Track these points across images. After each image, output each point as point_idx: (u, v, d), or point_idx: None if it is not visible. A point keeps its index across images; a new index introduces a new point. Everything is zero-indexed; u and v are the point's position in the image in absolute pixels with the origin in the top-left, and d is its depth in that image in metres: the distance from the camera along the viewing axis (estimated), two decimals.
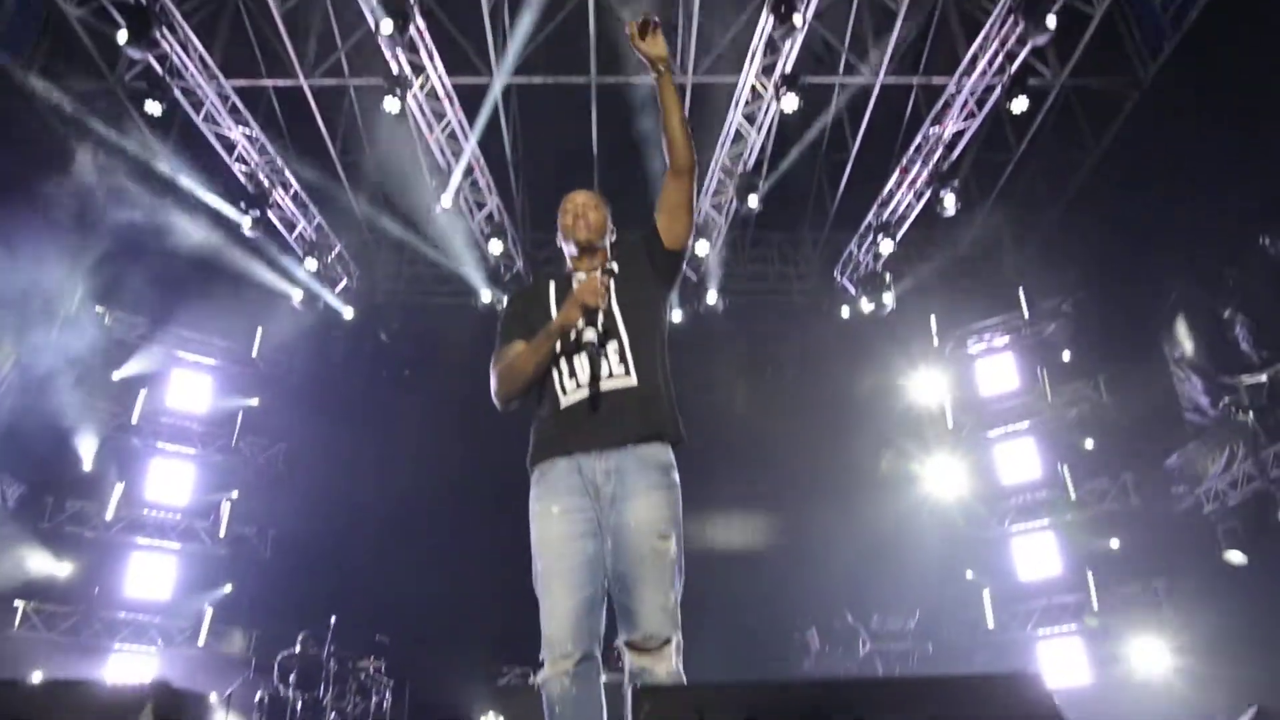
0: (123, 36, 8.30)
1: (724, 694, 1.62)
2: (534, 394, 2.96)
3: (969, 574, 11.97)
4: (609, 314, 2.82)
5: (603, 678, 2.72)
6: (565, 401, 2.84)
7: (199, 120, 9.79)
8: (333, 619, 9.28)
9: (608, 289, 2.83)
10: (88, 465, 10.98)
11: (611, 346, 2.81)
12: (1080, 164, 11.52)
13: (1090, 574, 11.13)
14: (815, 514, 11.58)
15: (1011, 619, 11.68)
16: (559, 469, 2.80)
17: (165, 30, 8.71)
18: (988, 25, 9.21)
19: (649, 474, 2.73)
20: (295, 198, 11.09)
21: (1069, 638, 11.26)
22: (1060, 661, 11.18)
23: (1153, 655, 10.07)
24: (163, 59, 9.00)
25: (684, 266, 3.17)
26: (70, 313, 10.40)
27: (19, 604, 10.26)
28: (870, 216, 11.55)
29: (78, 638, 10.54)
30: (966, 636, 11.73)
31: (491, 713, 7.27)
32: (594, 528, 2.72)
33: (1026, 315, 12.56)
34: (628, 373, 2.80)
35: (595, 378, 2.80)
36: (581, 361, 2.83)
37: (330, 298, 12.03)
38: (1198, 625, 9.60)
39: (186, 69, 9.21)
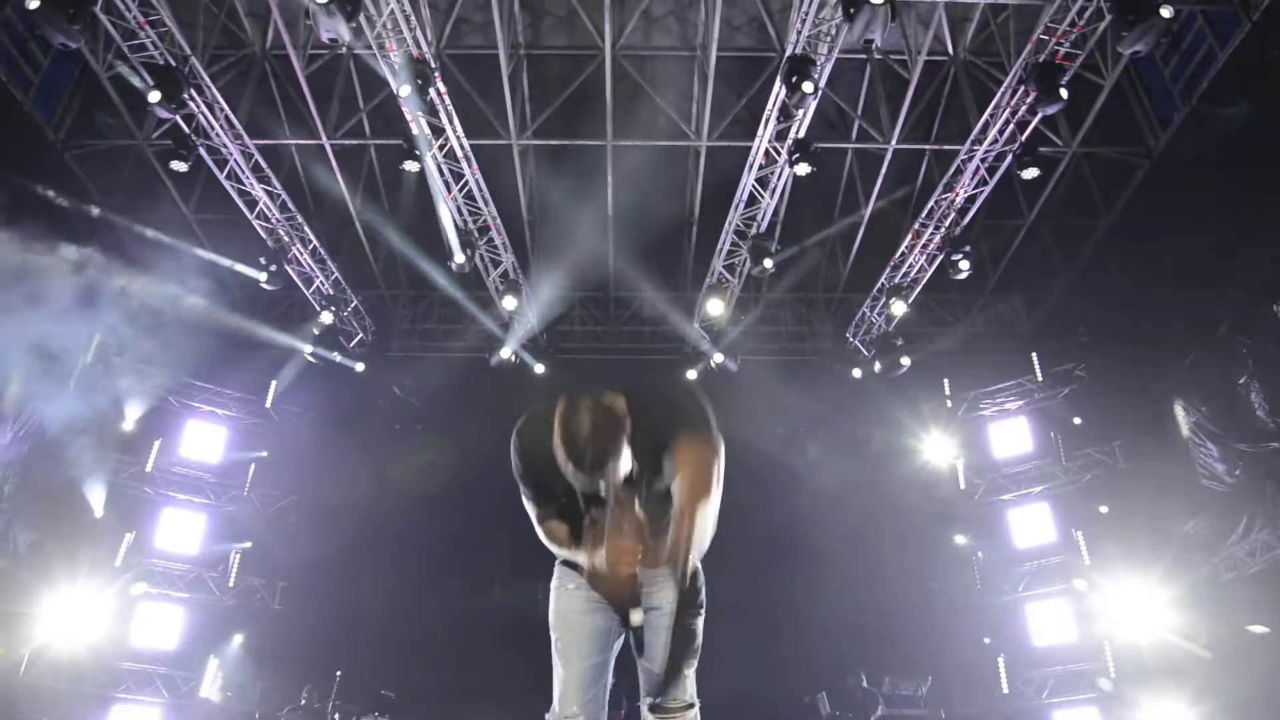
0: (154, 97, 8.52)
1: None
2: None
3: (986, 640, 11.79)
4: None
5: None
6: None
7: (222, 178, 10.01)
8: (338, 674, 9.26)
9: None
10: (99, 513, 11.03)
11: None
12: (1092, 230, 11.59)
13: (1106, 643, 10.92)
14: (826, 576, 11.47)
15: (1026, 685, 11.46)
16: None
17: (193, 91, 8.97)
18: (999, 94, 9.35)
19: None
20: (314, 253, 11.26)
21: (1085, 706, 11.03)
22: None
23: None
24: (189, 118, 9.25)
25: None
26: (86, 363, 10.51)
27: (24, 651, 10.23)
28: (883, 279, 11.62)
29: (81, 686, 10.47)
30: (980, 703, 11.52)
31: None
32: (607, 605, 2.81)
33: (1040, 379, 12.52)
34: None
35: None
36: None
37: (341, 357, 12.12)
38: (1219, 692, 9.39)
39: (212, 128, 9.44)
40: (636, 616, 2.68)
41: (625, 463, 2.46)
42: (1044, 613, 11.85)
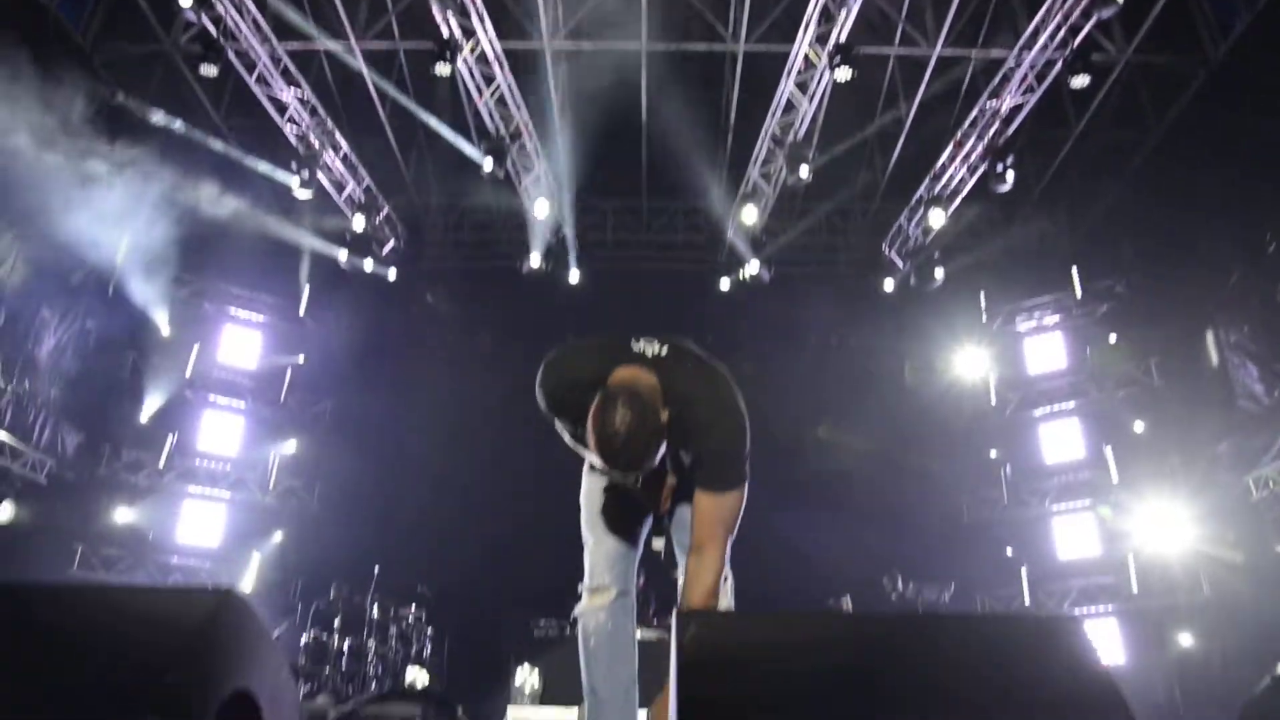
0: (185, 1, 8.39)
1: (766, 622, 1.64)
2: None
3: (1009, 551, 11.92)
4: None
5: (636, 627, 2.87)
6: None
7: (252, 82, 9.90)
8: (376, 569, 9.56)
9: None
10: (143, 417, 11.33)
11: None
12: (1141, 143, 11.21)
13: (1130, 556, 11.00)
14: (854, 485, 11.57)
15: (1048, 598, 11.62)
16: None
17: None
18: None
19: None
20: (345, 159, 11.19)
21: (1106, 618, 11.18)
22: (1097, 641, 11.10)
23: (1191, 639, 9.98)
24: (218, 21, 9.11)
25: None
26: (123, 267, 10.62)
27: (78, 546, 10.65)
28: (922, 189, 11.37)
29: (133, 579, 10.91)
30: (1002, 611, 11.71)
31: (526, 664, 7.42)
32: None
33: (1079, 295, 12.33)
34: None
35: None
36: None
37: (373, 264, 12.13)
38: (1239, 613, 9.48)
39: (240, 31, 9.30)
40: (657, 542, 2.83)
41: (658, 458, 2.40)
42: (1070, 527, 11.94)
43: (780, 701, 1.39)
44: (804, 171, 10.33)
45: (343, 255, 11.91)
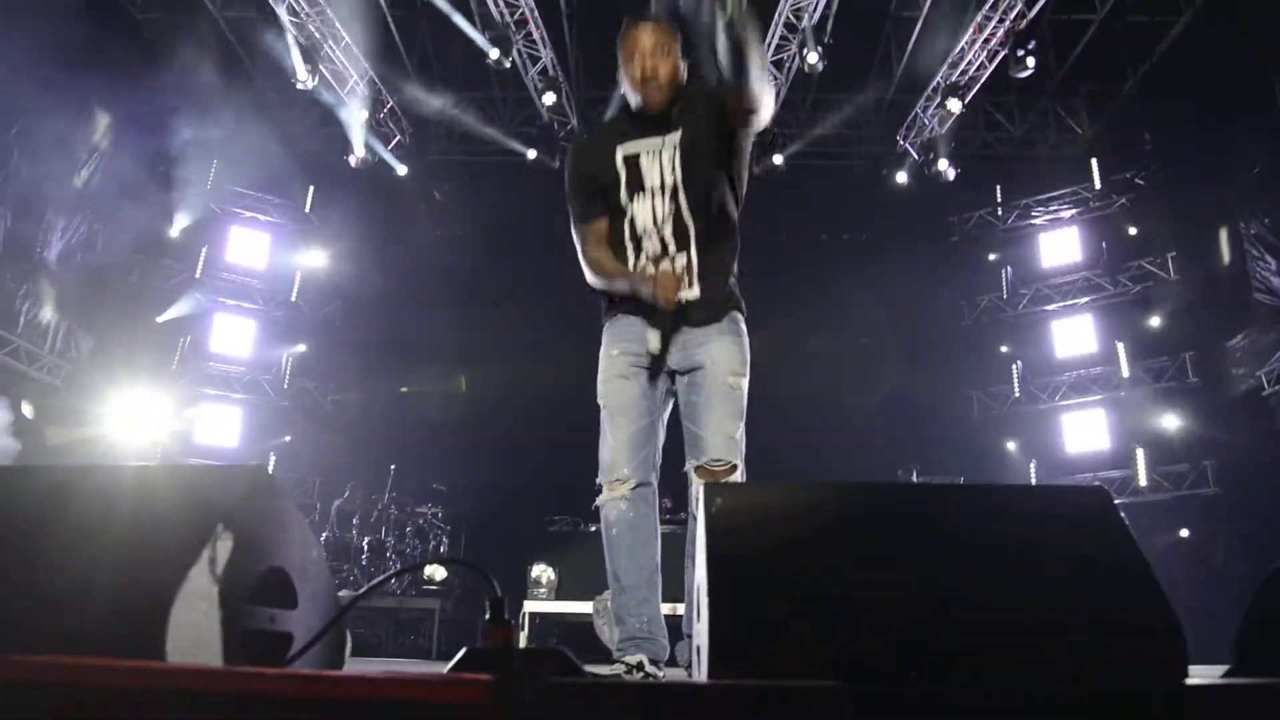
0: None
1: (793, 492, 1.65)
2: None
3: (1010, 446, 12.04)
4: (677, 213, 2.87)
5: (658, 515, 2.89)
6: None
7: None
8: (392, 467, 9.71)
9: (673, 165, 2.88)
10: (157, 318, 11.36)
11: (680, 260, 2.87)
12: (1168, 28, 10.78)
13: (1140, 452, 11.08)
14: (865, 377, 11.60)
15: None
16: (632, 319, 2.93)
17: None
18: None
19: (722, 325, 2.88)
20: (346, 50, 10.87)
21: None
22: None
23: (1194, 533, 10.15)
24: None
25: (754, 136, 3.04)
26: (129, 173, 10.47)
27: (96, 453, 10.79)
28: (939, 77, 11.03)
29: None
30: None
31: (542, 564, 7.60)
32: (653, 371, 2.89)
33: (1097, 186, 12.09)
34: (691, 284, 2.86)
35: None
36: (648, 271, 2.88)
37: (385, 153, 11.91)
38: (1245, 506, 9.59)
39: None
40: (654, 341, 2.83)
41: (680, 75, 2.90)
42: (1079, 422, 12.00)
43: (804, 566, 1.40)
44: (814, 58, 10.01)
45: (358, 148, 11.60)
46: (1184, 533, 10.49)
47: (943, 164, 11.37)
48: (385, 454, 10.13)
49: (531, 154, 11.73)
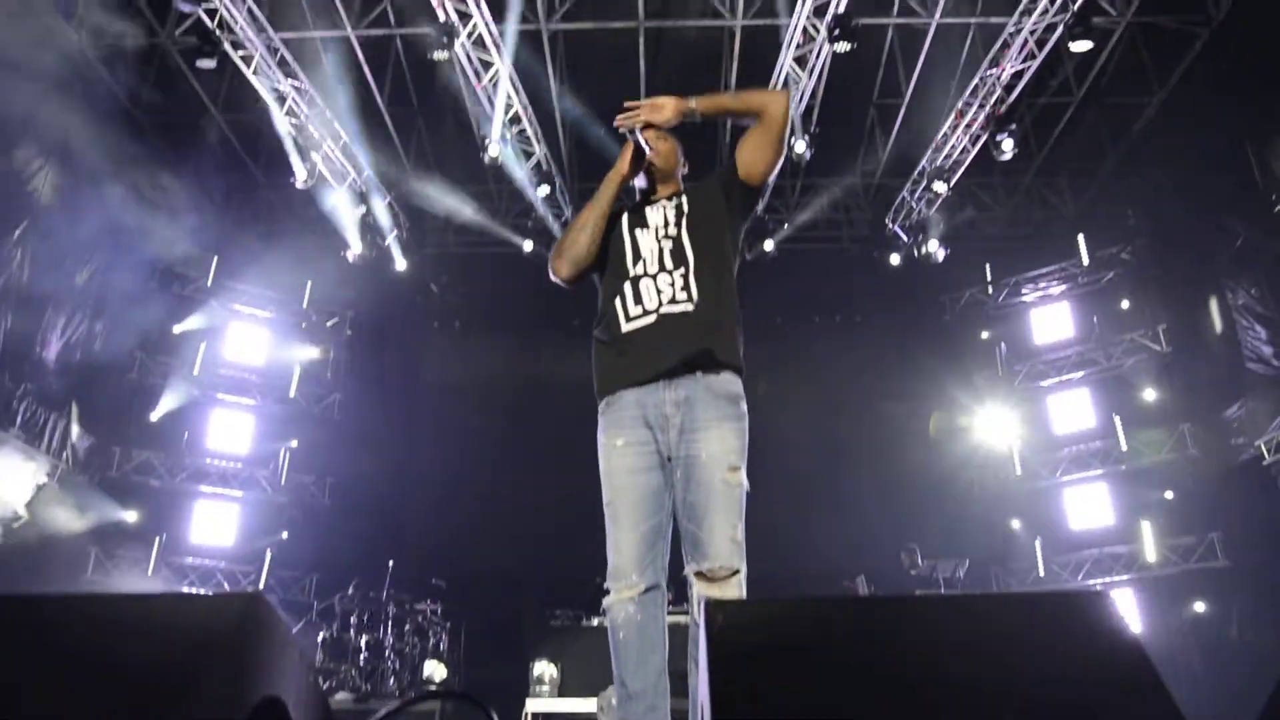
0: None
1: (797, 608, 1.63)
2: (596, 321, 2.98)
3: (1015, 524, 11.94)
4: (678, 241, 2.89)
5: (666, 618, 2.76)
6: (627, 327, 2.85)
7: (249, 74, 9.83)
8: (390, 563, 9.57)
9: (679, 214, 2.94)
10: (153, 418, 11.35)
11: (678, 273, 2.84)
12: (1143, 107, 11.10)
13: (1146, 525, 10.98)
14: (863, 461, 11.56)
15: (1063, 569, 11.63)
16: (625, 401, 2.82)
17: None
18: None
19: (719, 405, 2.74)
20: (344, 149, 11.13)
21: (1121, 589, 11.18)
22: (1125, 614, 11.10)
23: (1208, 606, 9.99)
24: (213, 13, 9.04)
25: (760, 202, 3.14)
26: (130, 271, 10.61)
27: (91, 550, 10.68)
28: (924, 161, 11.29)
29: (147, 583, 10.95)
30: (1017, 586, 11.74)
31: (544, 660, 7.43)
32: (658, 460, 2.76)
33: (1086, 262, 12.26)
34: (690, 299, 2.80)
35: (659, 304, 2.83)
36: (647, 287, 2.85)
37: (392, 243, 12.05)
38: (1255, 577, 9.47)
39: (236, 23, 9.23)
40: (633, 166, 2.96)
41: (679, 155, 3.11)
42: (1081, 497, 11.93)
43: (811, 688, 1.37)
44: (802, 147, 10.26)
45: (355, 245, 11.77)
46: (1198, 607, 10.32)
47: (932, 245, 11.56)
48: (384, 548, 10.00)
49: (528, 245, 11.88)
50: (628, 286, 2.89)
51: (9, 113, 8.58)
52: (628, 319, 2.86)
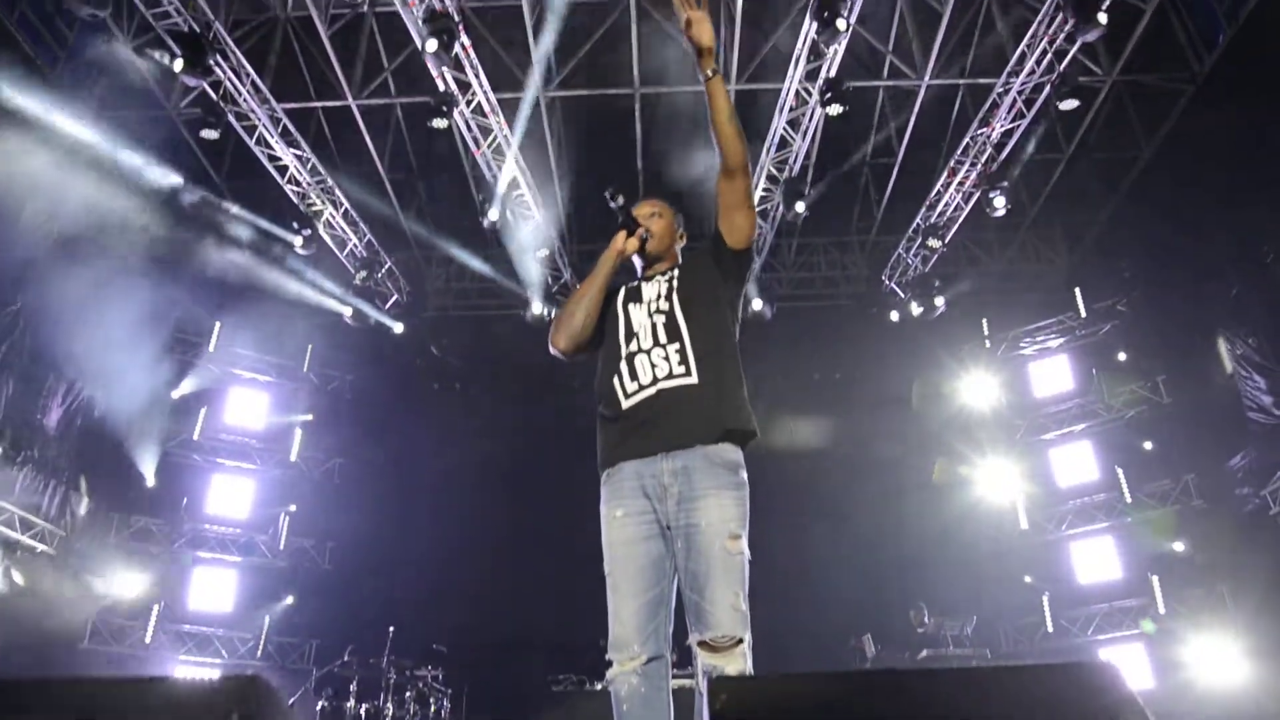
0: (179, 65, 8.51)
1: (799, 684, 1.62)
2: (597, 398, 3.00)
3: (1027, 579, 11.81)
4: (670, 315, 2.92)
5: (670, 688, 2.74)
6: (627, 403, 2.87)
7: (252, 143, 10.01)
8: (390, 629, 9.44)
9: (670, 288, 2.99)
10: (151, 483, 11.31)
11: (673, 348, 2.86)
12: (1133, 161, 11.29)
13: (1155, 578, 10.87)
14: (867, 518, 11.49)
15: (1071, 624, 11.48)
16: (625, 473, 2.84)
17: (219, 57, 8.95)
18: (1036, 23, 9.08)
19: (718, 474, 2.74)
20: (346, 215, 11.29)
21: (1131, 643, 11.03)
22: (1123, 667, 10.93)
23: (1219, 660, 9.83)
24: (216, 85, 9.25)
25: (754, 263, 3.19)
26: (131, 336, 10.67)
27: (89, 618, 10.56)
28: (918, 219, 11.44)
29: (144, 651, 10.81)
30: (1025, 642, 11.59)
31: None
32: (658, 529, 2.76)
33: (1082, 315, 12.34)
34: (688, 372, 2.82)
35: (655, 379, 2.85)
36: (642, 363, 2.88)
37: (380, 315, 12.15)
38: (1265, 629, 9.35)
39: (239, 94, 9.44)
40: (628, 242, 3.05)
41: (675, 233, 3.23)
42: (1088, 551, 11.83)
43: None
44: (800, 207, 10.41)
45: (348, 312, 11.90)
46: (1213, 664, 10.14)
47: (929, 301, 11.61)
48: (384, 613, 9.88)
49: (533, 309, 11.89)
50: (624, 364, 2.92)
51: (13, 183, 8.71)
52: (626, 395, 2.88)
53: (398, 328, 12.40)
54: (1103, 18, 8.26)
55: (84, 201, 9.21)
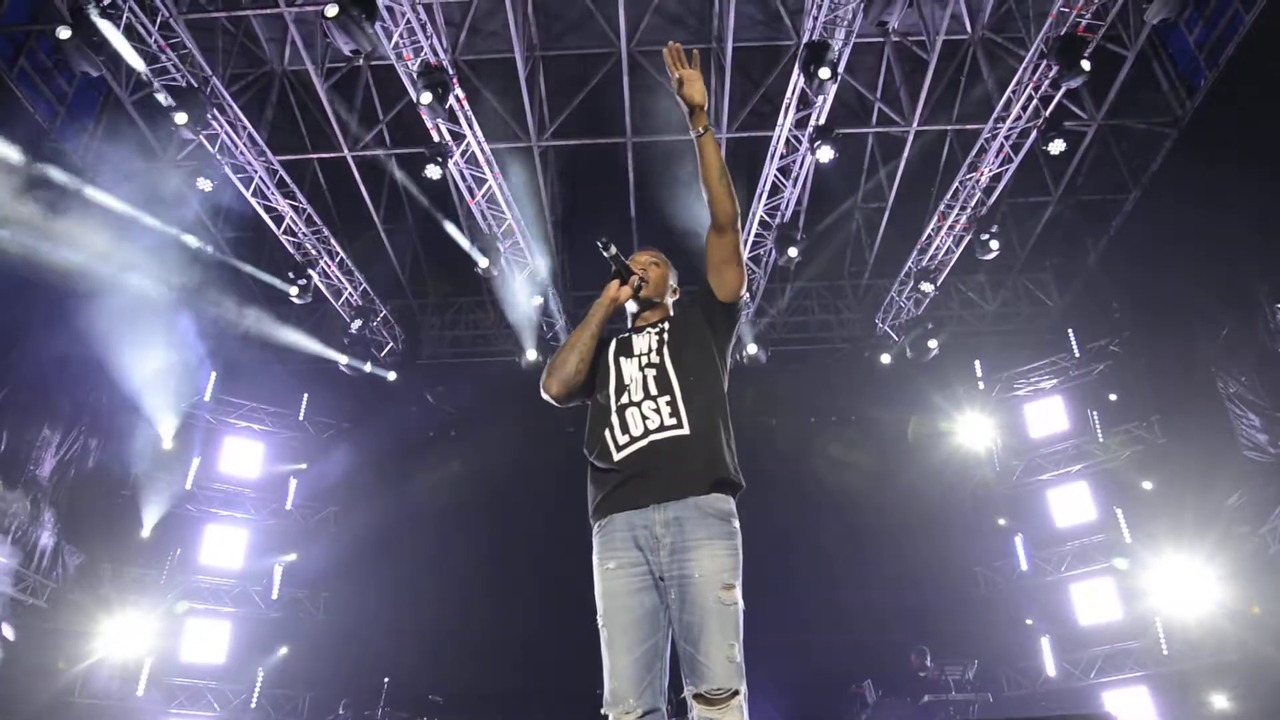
0: (180, 118, 8.62)
1: None
2: (588, 449, 2.99)
3: (1028, 622, 11.71)
4: (661, 367, 2.93)
5: None
6: (619, 455, 2.86)
7: (248, 195, 10.11)
8: (385, 680, 9.33)
9: (661, 341, 3.01)
10: (145, 534, 11.23)
11: (664, 400, 2.87)
12: (1120, 203, 11.45)
13: (1157, 619, 10.78)
14: (865, 564, 11.42)
15: (1074, 666, 11.35)
16: (616, 524, 2.82)
17: (215, 111, 9.09)
18: (1020, 70, 9.26)
19: (710, 524, 2.73)
20: (341, 265, 11.36)
21: (1135, 685, 10.90)
22: (1128, 710, 10.81)
23: (1222, 699, 9.73)
24: (213, 138, 9.36)
25: (742, 316, 3.21)
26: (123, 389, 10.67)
27: (81, 672, 10.40)
28: (910, 263, 11.53)
29: (135, 704, 10.64)
30: (1028, 686, 11.45)
31: None
32: (651, 580, 2.74)
33: (1075, 355, 12.38)
34: (680, 424, 2.82)
35: (647, 431, 2.84)
36: (633, 415, 2.88)
37: (374, 365, 12.17)
38: (1268, 668, 9.26)
39: (236, 146, 9.55)
40: (621, 290, 3.10)
41: (670, 283, 3.26)
42: (1088, 592, 11.73)
43: None
44: (793, 252, 10.51)
45: (342, 360, 11.92)
46: (1219, 704, 10.03)
47: (922, 344, 11.66)
48: (379, 664, 9.78)
49: (527, 356, 11.91)
50: (614, 417, 2.92)
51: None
52: (618, 448, 2.87)
53: (390, 376, 12.41)
54: (1086, 65, 8.43)
55: (81, 252, 9.25)
